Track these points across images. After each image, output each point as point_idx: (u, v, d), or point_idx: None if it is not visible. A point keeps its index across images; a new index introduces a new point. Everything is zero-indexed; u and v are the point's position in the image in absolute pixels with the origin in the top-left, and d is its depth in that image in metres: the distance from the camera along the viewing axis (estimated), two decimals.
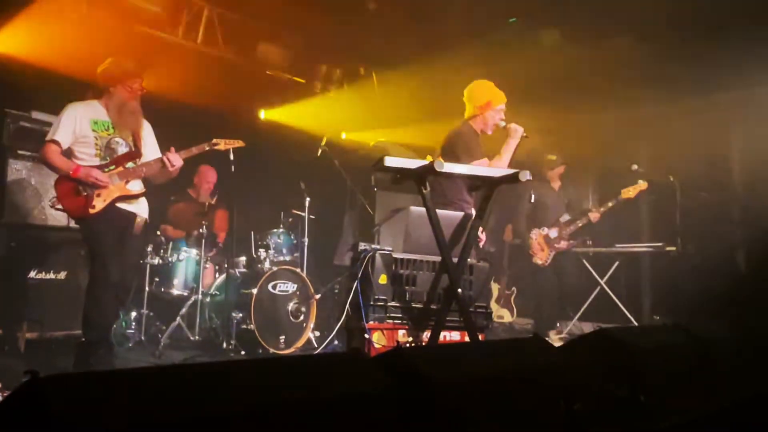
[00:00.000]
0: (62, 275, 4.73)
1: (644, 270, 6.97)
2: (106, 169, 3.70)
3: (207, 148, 4.08)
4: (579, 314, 6.32)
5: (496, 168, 3.79)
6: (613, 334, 2.43)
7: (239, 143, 4.25)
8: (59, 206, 3.69)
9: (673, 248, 5.91)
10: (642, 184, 5.96)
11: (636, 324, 5.96)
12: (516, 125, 4.02)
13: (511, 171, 3.29)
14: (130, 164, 3.80)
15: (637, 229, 7.01)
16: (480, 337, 3.42)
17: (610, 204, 6.03)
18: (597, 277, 6.27)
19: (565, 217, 6.16)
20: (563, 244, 6.05)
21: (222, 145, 4.12)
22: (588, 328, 6.16)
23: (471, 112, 4.18)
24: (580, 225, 6.06)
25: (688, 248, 5.85)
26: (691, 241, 5.89)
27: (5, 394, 2.98)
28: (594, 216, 6.03)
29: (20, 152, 4.77)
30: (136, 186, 3.83)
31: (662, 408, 2.35)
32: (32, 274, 4.60)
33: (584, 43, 5.99)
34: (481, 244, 4.13)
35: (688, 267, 5.83)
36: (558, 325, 6.30)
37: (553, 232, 6.04)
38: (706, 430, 2.37)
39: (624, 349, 2.34)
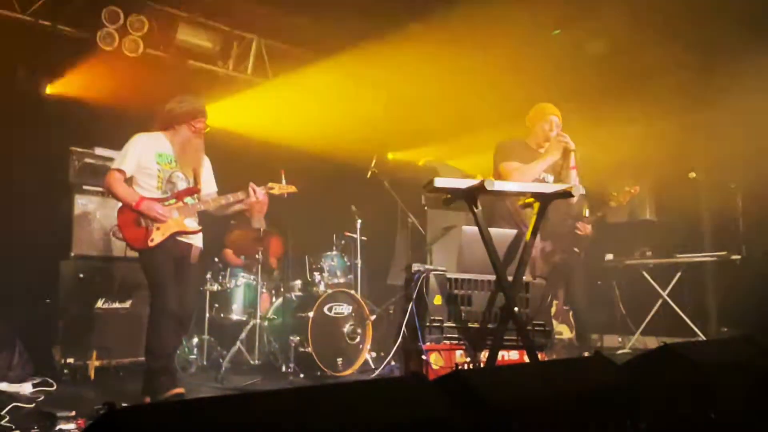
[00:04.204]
0: (128, 304, 4.92)
1: (708, 280, 6.71)
2: (167, 203, 3.82)
3: (264, 192, 4.17)
4: (641, 328, 6.13)
5: (531, 173, 3.96)
6: (678, 350, 2.35)
7: (293, 189, 4.27)
8: (120, 235, 3.83)
9: (738, 256, 5.68)
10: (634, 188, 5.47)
11: (703, 337, 5.73)
12: (561, 137, 3.99)
13: (563, 186, 3.25)
14: (189, 200, 3.89)
15: (699, 238, 6.77)
16: (539, 356, 3.36)
17: (599, 214, 5.49)
18: (659, 289, 6.08)
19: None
20: (558, 258, 5.38)
21: (277, 189, 4.16)
22: (652, 342, 5.95)
23: (527, 129, 4.41)
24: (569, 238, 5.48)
25: (754, 256, 5.61)
26: (757, 248, 5.66)
27: (79, 422, 3.11)
28: (582, 228, 5.41)
29: (85, 188, 5.01)
30: (192, 223, 3.92)
31: (734, 426, 2.27)
32: (99, 303, 4.81)
33: (635, 51, 5.88)
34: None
35: (755, 275, 5.59)
36: (620, 340, 6.08)
37: (548, 246, 5.33)
38: None
39: (690, 365, 2.26)
